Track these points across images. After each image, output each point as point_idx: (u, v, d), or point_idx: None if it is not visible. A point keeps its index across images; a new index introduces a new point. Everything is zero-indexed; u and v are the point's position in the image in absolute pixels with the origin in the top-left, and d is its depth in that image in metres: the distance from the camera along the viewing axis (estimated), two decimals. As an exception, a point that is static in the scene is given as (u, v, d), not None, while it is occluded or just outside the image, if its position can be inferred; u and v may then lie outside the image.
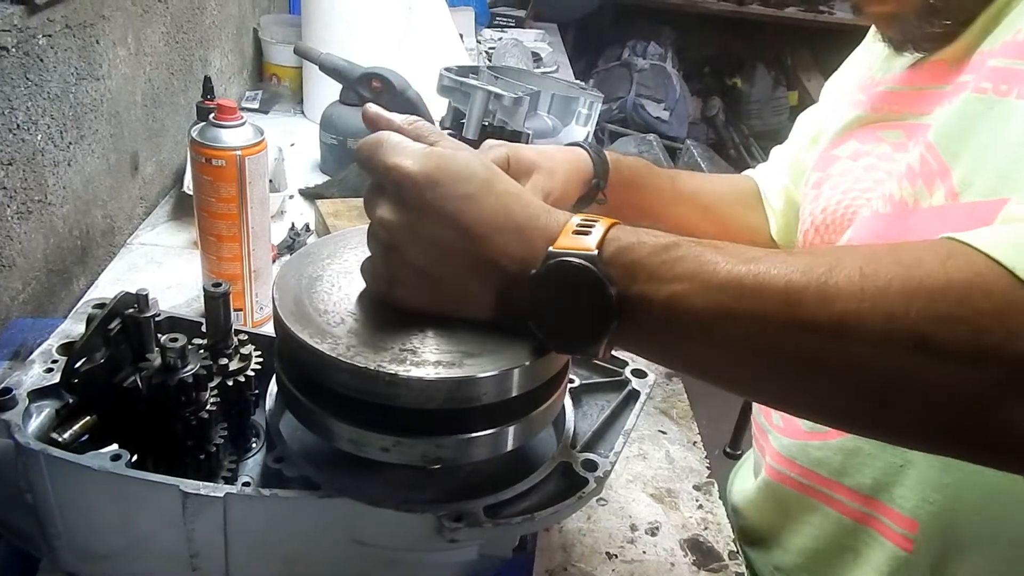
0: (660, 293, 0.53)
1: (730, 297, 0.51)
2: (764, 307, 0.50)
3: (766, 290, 0.50)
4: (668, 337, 0.55)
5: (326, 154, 1.68)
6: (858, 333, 0.48)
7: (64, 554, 0.69)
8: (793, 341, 0.50)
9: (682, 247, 0.54)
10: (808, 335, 0.50)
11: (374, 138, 0.63)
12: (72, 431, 0.67)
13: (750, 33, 4.67)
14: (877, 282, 0.49)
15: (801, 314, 0.49)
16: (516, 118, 1.67)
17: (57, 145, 1.14)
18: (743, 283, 0.51)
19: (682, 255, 0.53)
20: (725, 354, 0.54)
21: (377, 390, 0.59)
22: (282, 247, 1.35)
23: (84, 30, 1.17)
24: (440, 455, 0.62)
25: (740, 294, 0.51)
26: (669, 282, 0.53)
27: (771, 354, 0.52)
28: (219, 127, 1.01)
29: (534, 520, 0.65)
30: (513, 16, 3.06)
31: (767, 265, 0.51)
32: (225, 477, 0.72)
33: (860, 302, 0.48)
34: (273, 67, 2.14)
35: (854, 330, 0.49)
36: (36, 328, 0.97)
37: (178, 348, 0.67)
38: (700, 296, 0.52)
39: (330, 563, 0.68)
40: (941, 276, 0.48)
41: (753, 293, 0.51)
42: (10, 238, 1.05)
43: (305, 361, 0.62)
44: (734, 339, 0.52)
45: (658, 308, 0.53)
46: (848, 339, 0.49)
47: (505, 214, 0.58)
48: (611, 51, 4.43)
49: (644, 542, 0.88)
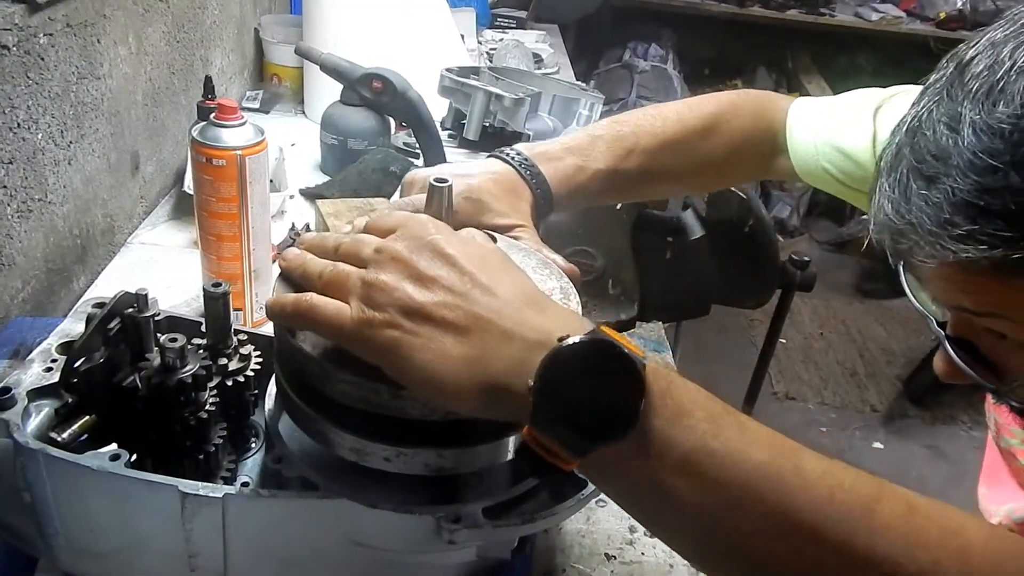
0: (687, 434, 0.52)
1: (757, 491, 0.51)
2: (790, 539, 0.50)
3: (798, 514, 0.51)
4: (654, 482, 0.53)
5: (326, 154, 1.68)
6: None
7: (62, 554, 0.69)
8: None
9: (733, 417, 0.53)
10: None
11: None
12: (71, 431, 0.67)
13: (751, 35, 4.66)
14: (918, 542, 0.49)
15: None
16: (517, 119, 1.67)
17: (58, 144, 1.14)
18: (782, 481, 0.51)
19: (736, 421, 0.53)
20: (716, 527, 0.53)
21: (381, 402, 0.58)
22: (282, 247, 1.35)
23: (85, 29, 1.17)
24: (442, 464, 0.61)
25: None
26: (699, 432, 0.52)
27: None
28: (220, 127, 1.01)
29: (533, 522, 0.65)
30: (514, 17, 3.05)
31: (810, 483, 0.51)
32: (224, 477, 0.72)
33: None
34: (274, 67, 2.13)
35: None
36: (35, 327, 0.97)
37: (177, 348, 0.67)
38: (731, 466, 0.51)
39: (328, 564, 0.68)
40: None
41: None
42: (10, 237, 1.05)
43: (307, 370, 0.61)
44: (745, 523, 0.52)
45: (677, 446, 0.52)
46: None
47: (532, 291, 0.59)
48: (612, 52, 4.42)
49: (643, 544, 0.88)
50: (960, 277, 0.55)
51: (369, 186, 1.49)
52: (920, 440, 3.17)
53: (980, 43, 0.54)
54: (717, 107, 1.04)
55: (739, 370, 2.18)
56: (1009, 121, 0.49)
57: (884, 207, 0.57)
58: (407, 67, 1.65)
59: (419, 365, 0.54)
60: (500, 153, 0.89)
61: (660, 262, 1.26)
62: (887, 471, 3.01)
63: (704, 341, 3.31)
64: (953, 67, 0.55)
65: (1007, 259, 0.50)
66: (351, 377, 0.58)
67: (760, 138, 1.05)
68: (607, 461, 0.53)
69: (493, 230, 0.77)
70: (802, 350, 3.63)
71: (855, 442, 3.10)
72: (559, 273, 0.72)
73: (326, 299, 0.58)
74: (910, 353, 3.61)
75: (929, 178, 0.53)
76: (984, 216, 0.50)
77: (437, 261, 0.57)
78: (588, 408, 0.51)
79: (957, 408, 3.29)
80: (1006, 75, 0.51)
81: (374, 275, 0.57)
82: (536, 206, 0.87)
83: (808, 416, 3.23)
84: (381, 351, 0.55)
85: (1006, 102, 0.50)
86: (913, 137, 0.55)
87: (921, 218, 0.53)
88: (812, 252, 4.06)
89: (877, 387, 3.44)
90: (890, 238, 0.57)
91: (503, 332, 0.54)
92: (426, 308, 0.55)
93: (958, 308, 0.60)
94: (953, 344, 0.63)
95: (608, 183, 0.93)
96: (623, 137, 0.96)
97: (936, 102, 0.55)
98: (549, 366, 0.51)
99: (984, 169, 0.50)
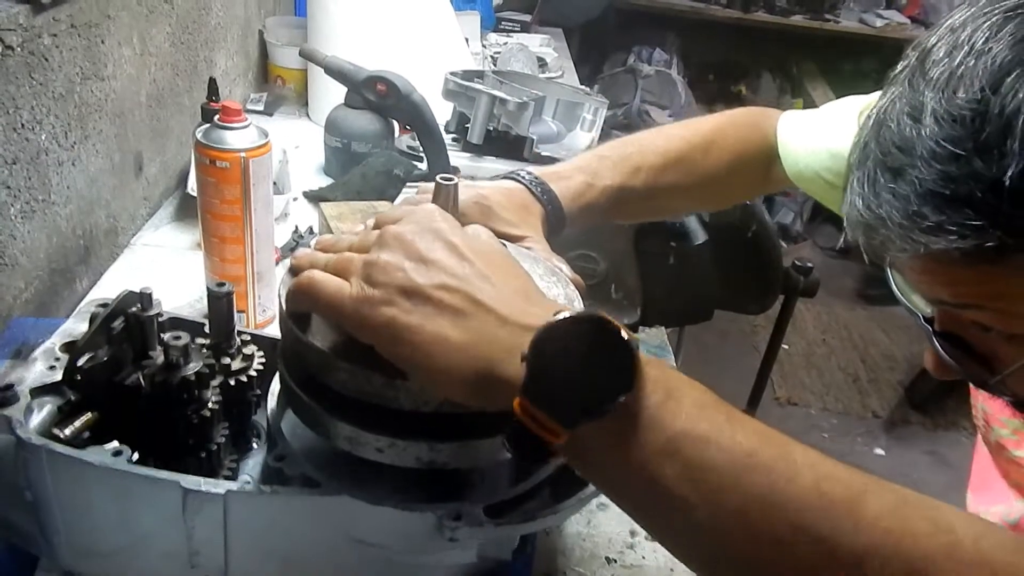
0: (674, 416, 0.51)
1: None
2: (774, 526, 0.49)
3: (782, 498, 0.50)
4: (646, 459, 0.52)
5: (330, 157, 1.68)
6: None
7: (63, 552, 0.69)
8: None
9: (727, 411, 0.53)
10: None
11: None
12: (73, 427, 0.67)
13: (755, 40, 4.67)
14: (906, 536, 0.48)
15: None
16: (521, 123, 1.67)
17: (61, 145, 1.14)
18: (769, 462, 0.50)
19: (723, 409, 0.53)
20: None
21: (374, 391, 0.59)
22: (285, 250, 1.35)
23: (89, 30, 1.18)
24: (435, 458, 0.62)
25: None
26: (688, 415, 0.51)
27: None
28: (224, 129, 1.01)
29: (535, 520, 0.65)
30: (519, 20, 3.06)
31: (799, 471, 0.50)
32: (226, 476, 0.72)
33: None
34: (278, 69, 2.14)
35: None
36: (38, 328, 0.97)
37: (181, 346, 0.67)
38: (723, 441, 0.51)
39: (330, 562, 0.68)
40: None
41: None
42: (13, 237, 1.05)
43: (306, 358, 0.62)
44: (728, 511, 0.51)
45: (664, 426, 0.51)
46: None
47: (530, 286, 0.59)
48: (616, 57, 4.43)
49: (644, 547, 0.88)
50: (937, 270, 0.54)
51: (372, 189, 1.49)
52: (922, 446, 3.16)
53: (941, 29, 0.54)
54: (716, 124, 1.07)
55: (741, 375, 2.18)
56: (968, 107, 0.49)
57: (855, 203, 0.56)
58: (411, 70, 1.65)
59: (413, 346, 0.55)
60: (512, 175, 0.91)
61: (663, 267, 1.26)
62: (888, 477, 2.98)
63: (707, 346, 3.31)
64: (915, 56, 0.55)
65: (979, 248, 0.49)
66: (346, 365, 0.59)
67: (757, 148, 1.07)
68: (593, 440, 0.52)
69: (502, 238, 0.78)
70: (804, 356, 3.63)
71: (857, 448, 3.10)
72: (566, 281, 0.72)
73: (328, 276, 0.59)
74: (912, 359, 3.60)
75: (895, 170, 0.52)
76: (951, 206, 0.49)
77: (439, 244, 0.58)
78: (579, 381, 0.51)
79: (959, 414, 3.28)
80: (964, 60, 0.50)
81: (376, 255, 0.58)
82: (547, 221, 0.88)
83: (810, 421, 3.23)
84: (377, 329, 0.56)
85: (965, 88, 0.49)
86: (879, 130, 0.55)
87: (890, 212, 0.53)
88: (815, 258, 4.08)
89: (879, 393, 3.44)
90: (863, 234, 0.57)
91: (499, 318, 0.55)
92: (424, 289, 0.55)
93: (939, 302, 0.59)
94: (941, 339, 0.63)
95: (617, 200, 0.95)
96: (629, 156, 0.98)
97: (899, 93, 0.54)
98: (543, 336, 0.51)
99: (947, 157, 0.49)
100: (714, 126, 1.06)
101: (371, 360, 0.58)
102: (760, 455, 0.50)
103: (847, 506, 0.49)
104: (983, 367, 0.62)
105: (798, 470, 0.50)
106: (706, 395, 0.53)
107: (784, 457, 0.51)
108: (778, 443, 0.52)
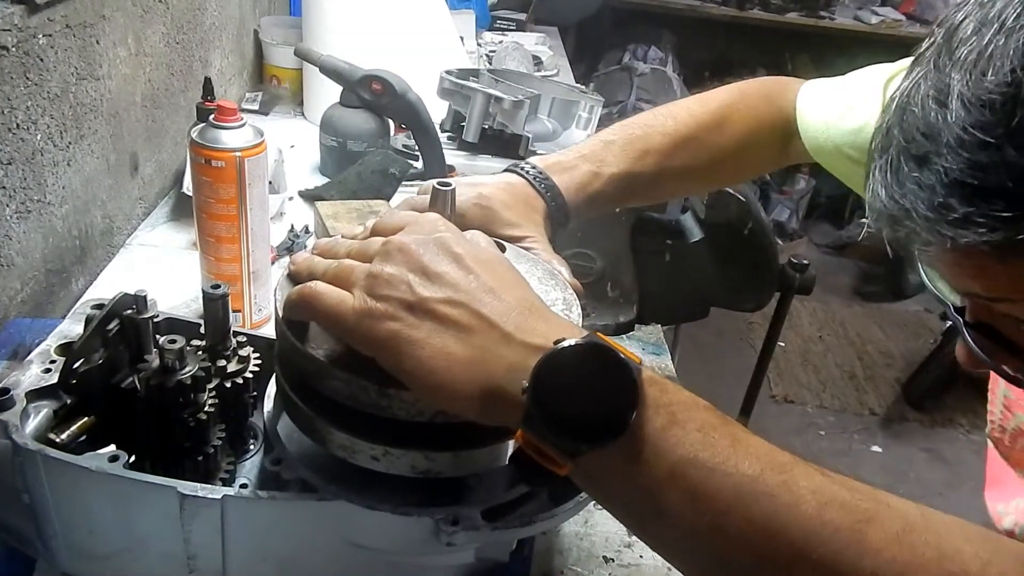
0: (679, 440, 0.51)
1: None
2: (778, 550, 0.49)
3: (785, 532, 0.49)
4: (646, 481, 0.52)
5: (326, 156, 1.67)
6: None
7: (61, 555, 0.69)
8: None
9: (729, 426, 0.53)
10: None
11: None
12: (70, 432, 0.67)
13: (751, 38, 4.67)
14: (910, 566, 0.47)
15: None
16: (516, 121, 1.67)
17: (56, 145, 1.14)
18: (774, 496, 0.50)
19: (733, 430, 0.52)
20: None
21: (369, 400, 0.59)
22: (281, 249, 1.35)
23: (84, 30, 1.17)
24: (429, 467, 0.62)
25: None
26: (692, 433, 0.51)
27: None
28: (219, 128, 1.01)
29: (532, 524, 0.65)
30: (514, 19, 3.05)
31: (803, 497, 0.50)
32: (223, 479, 0.72)
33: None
34: (273, 68, 2.13)
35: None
36: (34, 328, 0.96)
37: (176, 349, 0.67)
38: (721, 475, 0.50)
39: (327, 566, 0.68)
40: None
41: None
42: (9, 237, 1.05)
43: (301, 366, 0.62)
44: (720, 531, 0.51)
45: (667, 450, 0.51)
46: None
47: (533, 299, 0.59)
48: (612, 55, 4.42)
49: (641, 547, 0.88)
50: (965, 263, 0.51)
51: (368, 188, 1.49)
52: (918, 443, 3.17)
53: (969, 4, 0.49)
54: (727, 98, 1.03)
55: (737, 373, 2.18)
56: (999, 90, 0.44)
57: (878, 193, 0.52)
58: (406, 69, 1.65)
59: (417, 361, 0.54)
60: (514, 167, 0.89)
61: (659, 265, 1.26)
62: (885, 474, 3.03)
63: (703, 344, 3.31)
64: (942, 34, 0.50)
65: (1010, 242, 0.45)
66: (342, 374, 0.59)
67: (772, 123, 1.03)
68: (598, 467, 0.52)
69: (503, 239, 0.77)
70: (801, 353, 3.63)
71: (853, 445, 3.10)
72: (564, 284, 0.72)
73: (330, 287, 0.58)
74: (909, 356, 3.61)
75: (919, 158, 0.49)
76: (980, 197, 0.45)
77: (444, 257, 0.57)
78: (580, 411, 0.51)
79: (956, 411, 3.29)
80: (993, 38, 0.46)
81: (379, 267, 0.57)
82: (550, 217, 0.87)
83: (807, 419, 3.23)
84: (380, 343, 0.55)
85: (995, 69, 0.45)
86: (902, 115, 0.51)
87: (915, 203, 0.49)
88: (811, 255, 4.07)
89: (876, 390, 3.44)
90: (887, 226, 0.53)
91: (504, 335, 0.54)
92: (429, 303, 0.55)
93: (970, 294, 0.56)
94: (972, 330, 0.59)
95: (624, 186, 0.93)
96: (635, 139, 0.95)
97: (924, 75, 0.50)
98: (544, 367, 0.51)
99: (976, 145, 0.45)
100: (725, 101, 1.03)
101: (367, 370, 0.58)
102: (764, 481, 0.50)
103: (850, 533, 0.48)
104: (1018, 358, 0.58)
105: (801, 495, 0.50)
106: (710, 416, 0.53)
107: (787, 483, 0.50)
108: (782, 467, 0.51)
